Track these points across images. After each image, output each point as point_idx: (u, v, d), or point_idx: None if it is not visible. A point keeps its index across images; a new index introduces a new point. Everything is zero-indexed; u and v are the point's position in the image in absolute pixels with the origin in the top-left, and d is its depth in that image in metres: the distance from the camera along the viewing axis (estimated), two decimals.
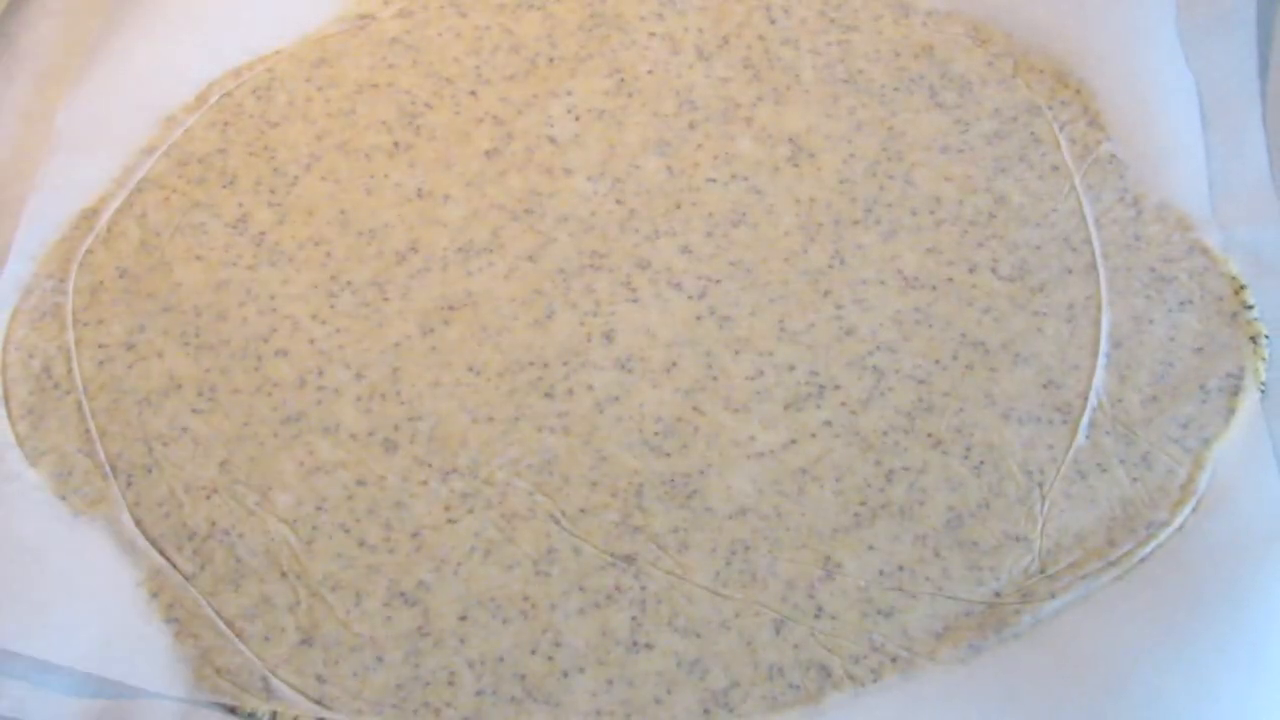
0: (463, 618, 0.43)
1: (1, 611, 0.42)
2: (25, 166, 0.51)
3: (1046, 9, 0.53)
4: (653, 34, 0.54)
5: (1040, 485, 0.44)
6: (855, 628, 0.42)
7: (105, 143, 0.51)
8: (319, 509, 0.44)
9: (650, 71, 0.53)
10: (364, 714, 0.41)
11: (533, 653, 0.42)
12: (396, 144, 0.52)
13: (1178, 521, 0.43)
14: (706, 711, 0.41)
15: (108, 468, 0.45)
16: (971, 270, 0.48)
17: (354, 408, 0.46)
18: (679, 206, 0.50)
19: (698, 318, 0.48)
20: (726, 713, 0.41)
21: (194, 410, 0.46)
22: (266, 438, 0.46)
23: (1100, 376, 0.46)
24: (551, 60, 0.54)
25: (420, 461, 0.45)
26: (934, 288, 0.48)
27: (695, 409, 0.46)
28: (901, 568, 0.43)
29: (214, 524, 0.44)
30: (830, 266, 0.49)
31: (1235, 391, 0.45)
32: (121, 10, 0.53)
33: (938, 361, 0.47)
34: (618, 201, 0.51)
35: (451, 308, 0.48)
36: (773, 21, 0.54)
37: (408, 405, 0.46)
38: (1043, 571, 0.43)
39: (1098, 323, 0.47)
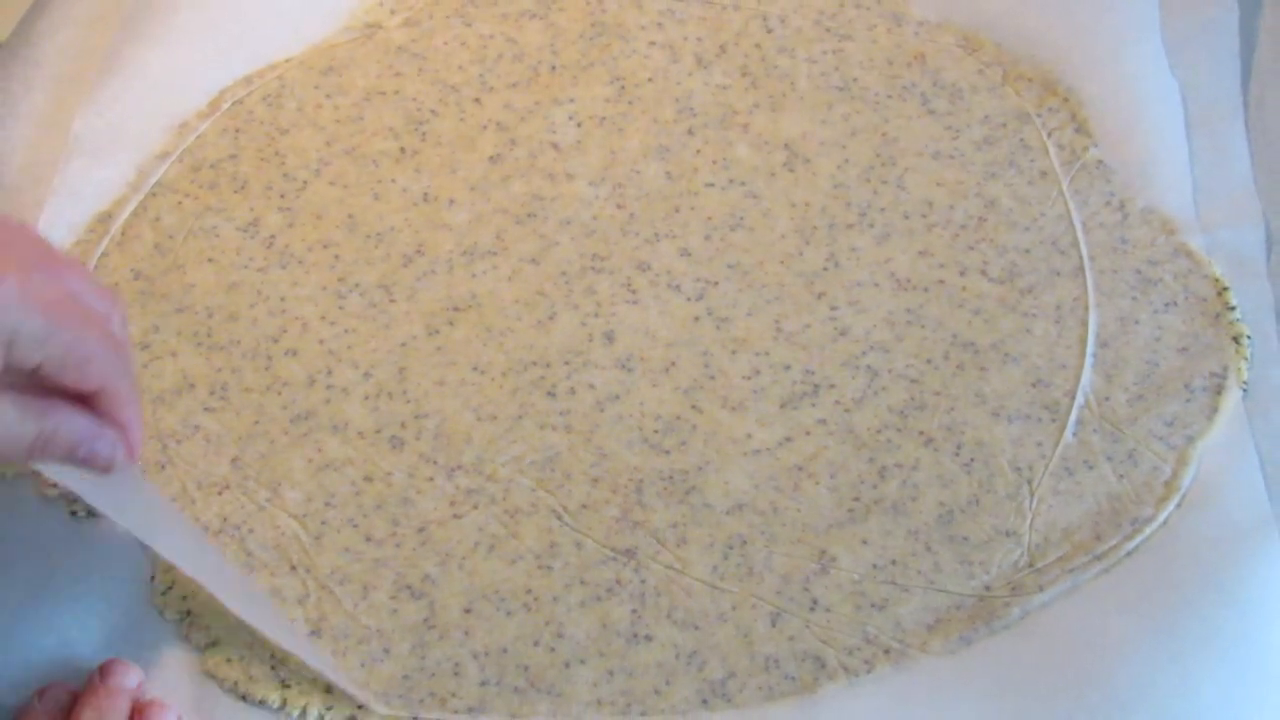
0: (467, 610, 0.43)
1: (17, 604, 0.42)
2: (42, 171, 0.51)
3: (1035, 19, 0.54)
4: (653, 43, 0.55)
5: (1029, 482, 0.45)
6: (849, 620, 0.42)
7: (120, 148, 0.52)
8: (328, 504, 0.45)
9: (650, 79, 0.54)
10: (371, 703, 0.42)
11: (535, 644, 0.42)
12: (403, 150, 0.53)
13: (1163, 517, 0.44)
14: (704, 702, 0.41)
15: None
16: (962, 273, 0.49)
17: (362, 406, 0.47)
18: (678, 210, 0.51)
19: (696, 318, 0.49)
20: (724, 703, 0.41)
21: (206, 409, 0.47)
22: (277, 435, 0.46)
23: (1087, 376, 0.47)
24: (554, 68, 0.55)
25: (426, 458, 0.46)
26: (926, 289, 0.49)
27: (694, 407, 0.47)
28: (894, 562, 0.43)
29: (225, 519, 0.45)
30: (825, 269, 0.50)
31: (1219, 390, 0.46)
32: (137, 20, 0.54)
33: (929, 361, 0.47)
34: (618, 206, 0.51)
35: (456, 309, 0.49)
36: (769, 31, 0.55)
37: (414, 404, 0.47)
38: (1031, 565, 0.43)
39: (1085, 323, 0.48)
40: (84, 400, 0.37)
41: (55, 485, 0.45)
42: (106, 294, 0.38)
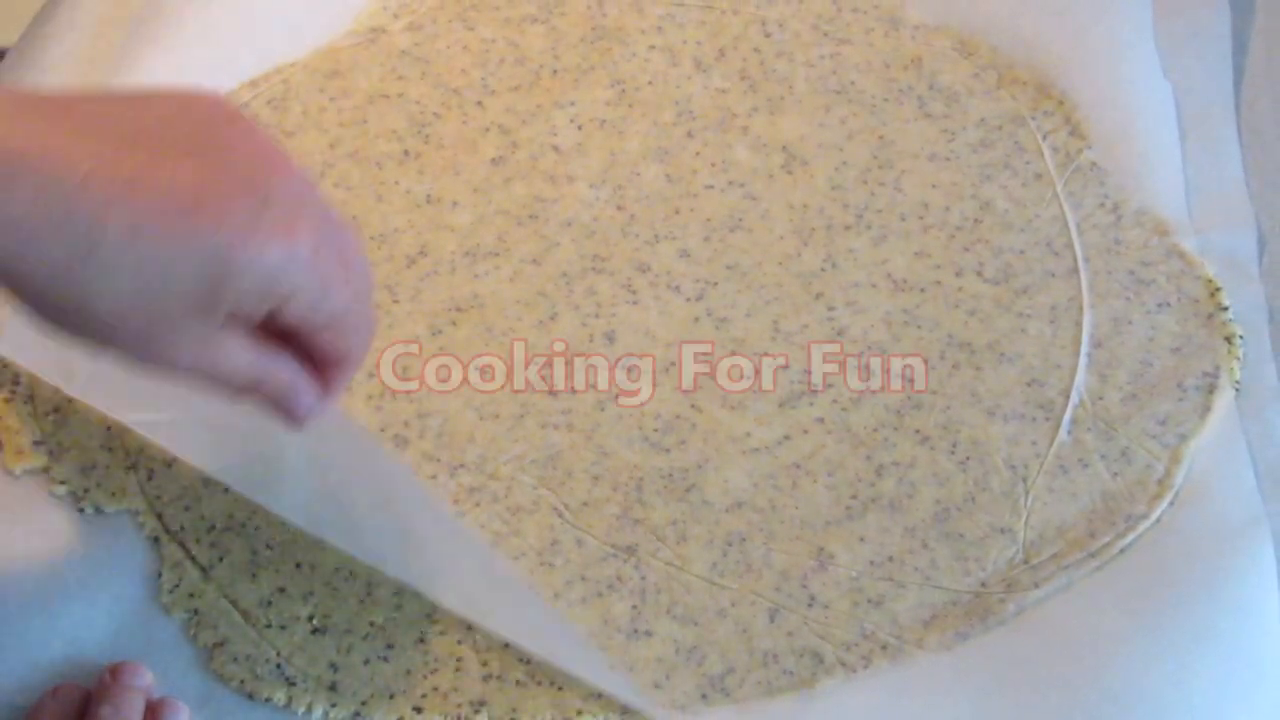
0: None
1: (25, 603, 0.42)
2: None
3: (1031, 23, 0.54)
4: (652, 46, 0.56)
5: (1024, 479, 0.45)
6: (847, 616, 0.43)
7: None
8: None
9: (650, 82, 0.55)
10: (375, 698, 0.42)
11: None
12: (406, 152, 0.53)
13: (1155, 514, 0.44)
14: (704, 696, 0.42)
15: (130, 462, 0.46)
16: (958, 273, 0.50)
17: (366, 405, 0.47)
18: (677, 212, 0.52)
19: (695, 319, 0.49)
20: (723, 697, 0.42)
21: None
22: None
23: (1082, 375, 0.47)
24: (555, 72, 0.55)
25: (429, 457, 0.46)
26: (922, 290, 0.49)
27: (693, 407, 0.47)
28: (891, 558, 0.44)
29: (231, 516, 0.45)
30: (822, 270, 0.50)
31: (1211, 390, 0.46)
32: (143, 26, 0.54)
33: (926, 361, 0.48)
34: (619, 207, 0.52)
35: (459, 309, 0.50)
36: (768, 35, 0.56)
37: (417, 403, 0.47)
38: (1026, 562, 0.43)
39: (1079, 324, 0.48)
40: (306, 349, 0.36)
41: (64, 483, 0.46)
42: (366, 260, 0.37)
